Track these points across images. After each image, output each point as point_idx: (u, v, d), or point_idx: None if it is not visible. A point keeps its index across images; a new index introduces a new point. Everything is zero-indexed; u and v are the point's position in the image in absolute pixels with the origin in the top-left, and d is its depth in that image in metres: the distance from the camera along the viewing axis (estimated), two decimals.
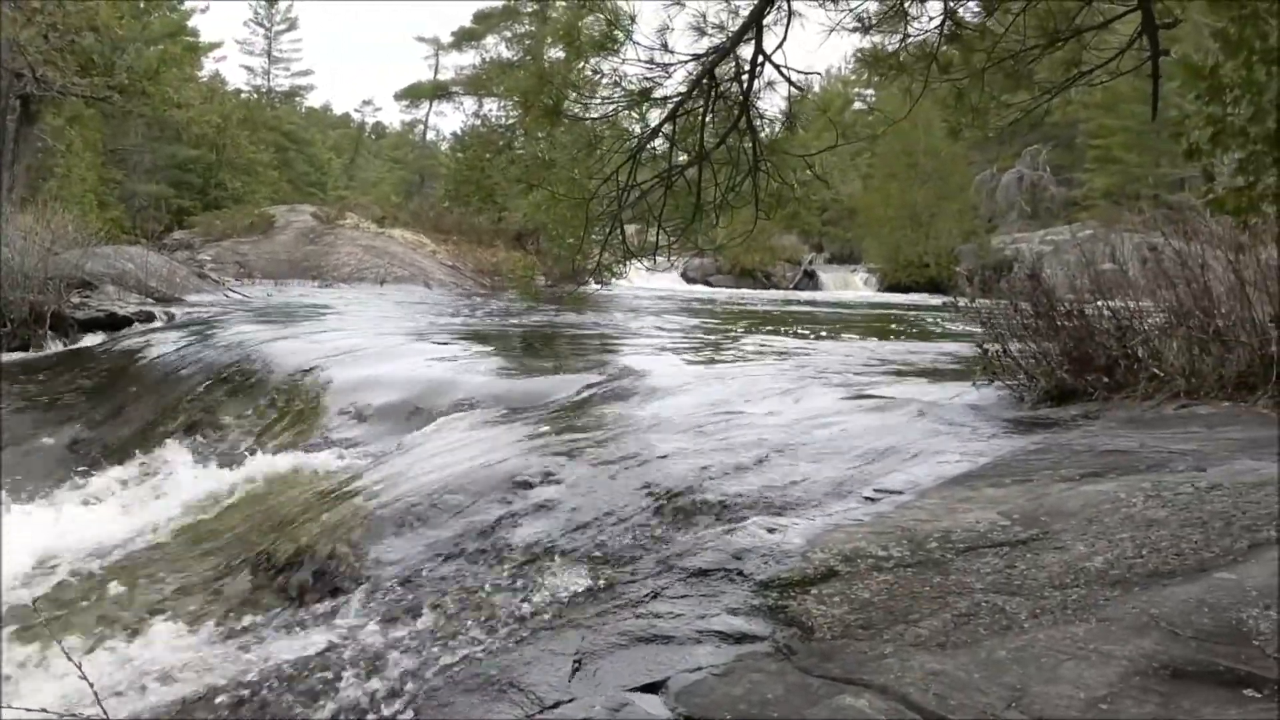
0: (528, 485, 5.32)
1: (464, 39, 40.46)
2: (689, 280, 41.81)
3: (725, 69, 4.92)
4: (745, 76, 4.84)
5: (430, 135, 59.98)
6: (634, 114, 5.14)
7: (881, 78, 5.03)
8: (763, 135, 4.96)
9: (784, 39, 4.79)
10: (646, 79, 5.00)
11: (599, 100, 5.07)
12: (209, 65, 46.04)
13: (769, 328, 16.76)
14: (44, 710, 2.78)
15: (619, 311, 21.07)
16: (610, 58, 4.83)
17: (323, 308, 18.28)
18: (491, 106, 38.54)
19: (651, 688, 3.00)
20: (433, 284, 27.27)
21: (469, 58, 41.29)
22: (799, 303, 28.73)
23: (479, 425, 7.42)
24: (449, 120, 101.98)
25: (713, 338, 14.76)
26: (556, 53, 35.71)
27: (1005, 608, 2.93)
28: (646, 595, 3.67)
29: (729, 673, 2.97)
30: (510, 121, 37.25)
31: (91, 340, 14.44)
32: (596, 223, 5.20)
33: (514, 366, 10.49)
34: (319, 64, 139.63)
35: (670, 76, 5.00)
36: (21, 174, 16.65)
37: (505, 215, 36.48)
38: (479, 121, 38.81)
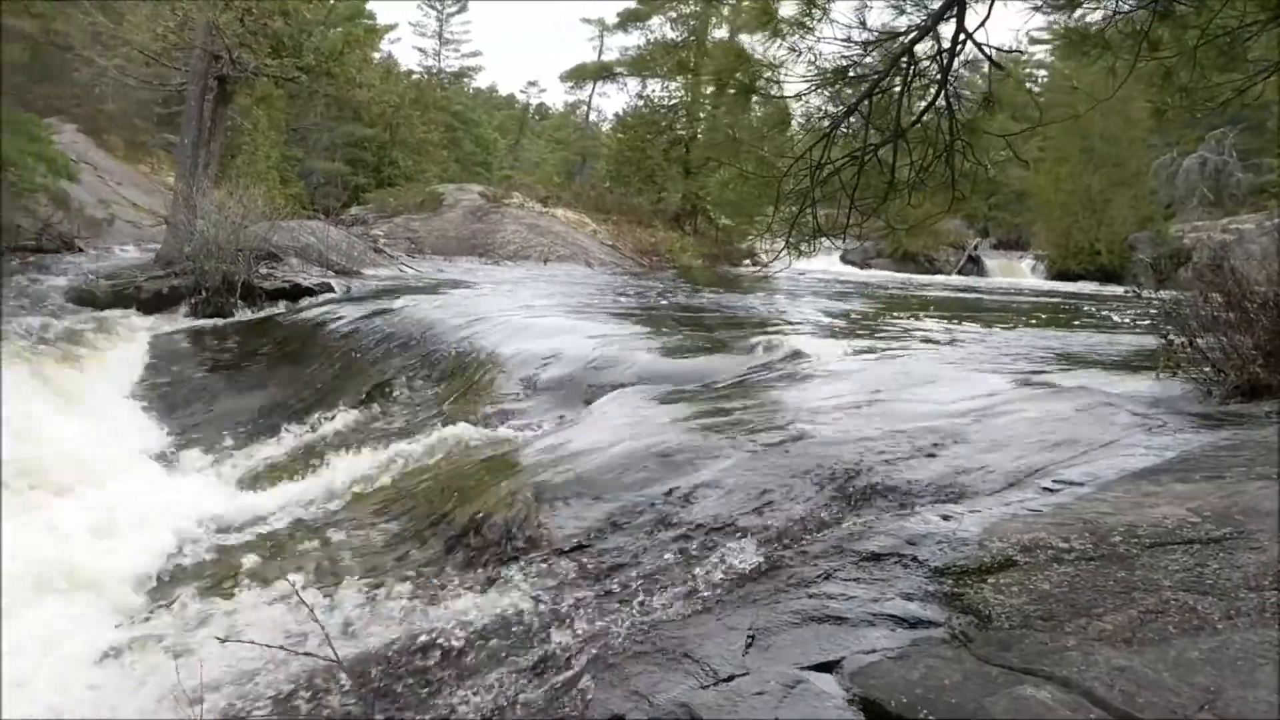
0: (696, 462, 5.39)
1: (629, 20, 40.64)
2: (848, 264, 41.19)
3: (924, 47, 4.85)
4: (944, 55, 4.76)
5: (592, 116, 60.72)
6: (828, 92, 5.11)
7: (1084, 56, 4.85)
8: (958, 115, 4.86)
9: (987, 16, 4.70)
10: (843, 57, 4.98)
11: (794, 79, 5.08)
12: (382, 47, 47.58)
13: (932, 313, 16.40)
14: (281, 647, 3.02)
15: (777, 293, 20.94)
16: (806, 36, 4.83)
17: (490, 284, 18.78)
18: (654, 87, 38.67)
19: (825, 667, 3.03)
20: (593, 263, 27.67)
21: (634, 39, 41.57)
22: (963, 289, 27.98)
23: (645, 402, 7.52)
24: (612, 101, 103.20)
25: (874, 322, 14.55)
26: (720, 33, 35.64)
27: (1196, 607, 2.85)
28: (818, 576, 3.69)
29: (904, 656, 2.98)
30: (673, 102, 37.38)
31: (277, 309, 15.22)
32: (784, 201, 5.19)
33: (676, 345, 10.57)
34: (487, 45, 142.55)
35: (868, 55, 4.96)
36: (217, 151, 17.64)
37: (664, 196, 36.68)
38: (641, 102, 39.02)
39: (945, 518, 3.96)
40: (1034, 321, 15.85)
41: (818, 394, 7.08)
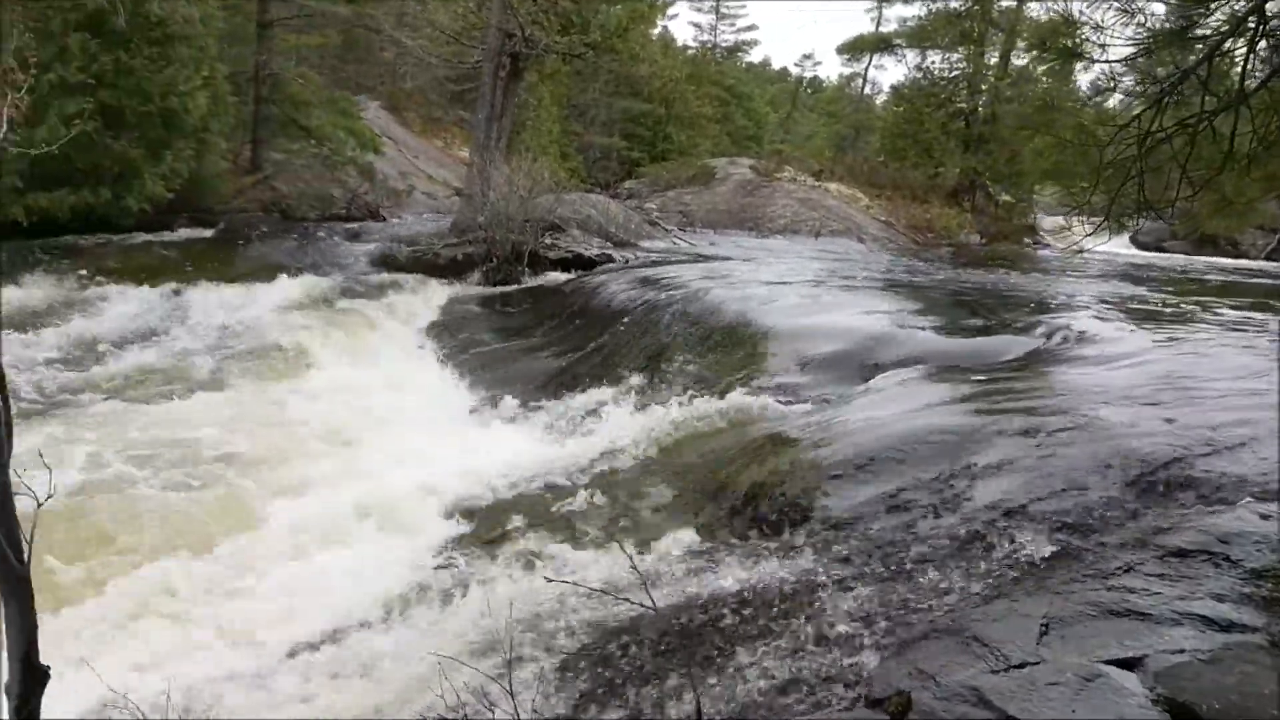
0: (978, 444, 5.26)
1: None
2: (1139, 245, 38.43)
3: (1274, 4, 4.42)
4: None
5: (867, 89, 59.47)
6: (1161, 56, 4.76)
7: None
8: None
9: None
10: (1181, 17, 4.63)
11: (1120, 41, 4.75)
12: (659, 22, 48.27)
13: (1233, 300, 15.09)
14: (602, 590, 3.23)
15: (1060, 274, 19.89)
16: None
17: (761, 258, 18.84)
18: (934, 58, 37.34)
19: (1126, 663, 2.91)
20: (865, 238, 27.17)
21: (914, 9, 40.14)
22: (1274, 275, 25.58)
23: (921, 381, 7.39)
24: (888, 74, 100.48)
25: (1166, 308, 13.54)
26: (1007, 2, 33.94)
27: None
28: (1117, 569, 3.54)
29: (1216, 660, 2.82)
30: (953, 74, 36.04)
31: (560, 277, 15.90)
32: (1104, 172, 4.89)
33: (951, 324, 10.27)
34: (763, 19, 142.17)
35: (1210, 14, 4.58)
36: (508, 126, 18.56)
37: (941, 170, 35.48)
38: (920, 74, 37.83)
39: (1264, 517, 3.69)
40: None
41: (1107, 378, 6.74)
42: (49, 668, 2.73)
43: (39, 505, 2.68)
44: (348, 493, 6.84)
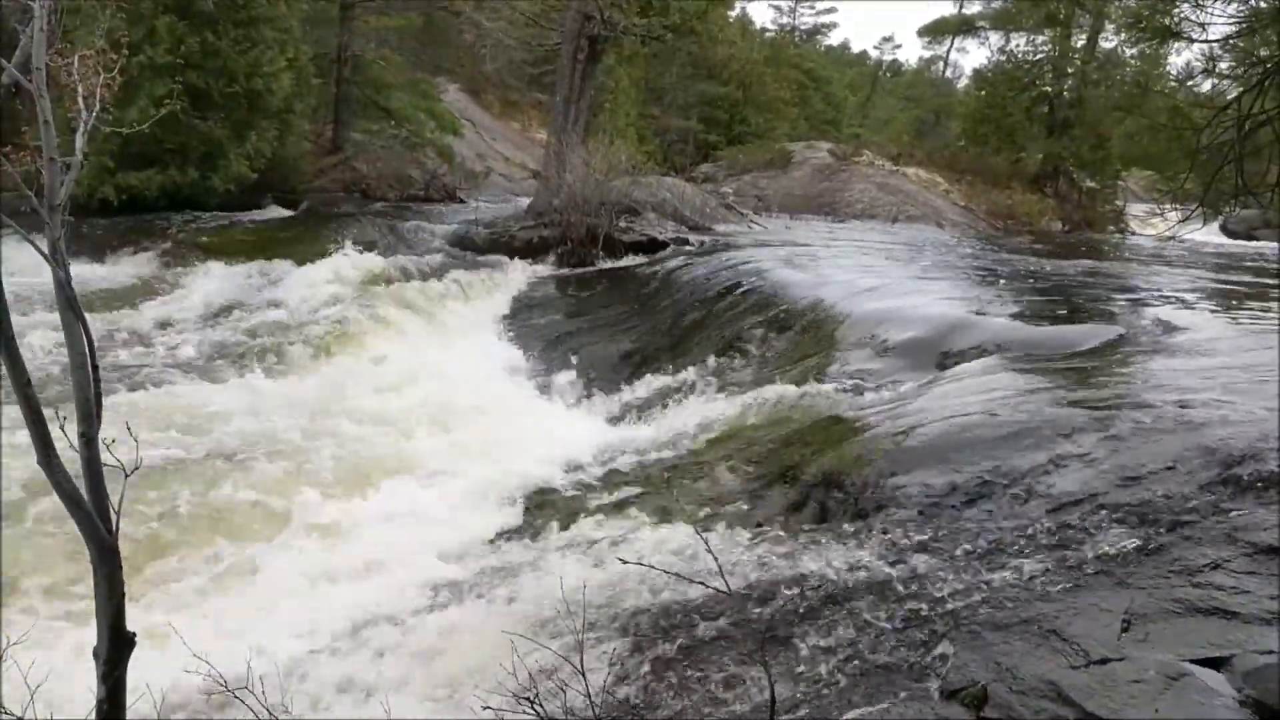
0: (1059, 435, 5.14)
1: None
2: (1229, 234, 37.17)
3: None
4: None
5: (948, 72, 58.55)
6: (1264, 35, 4.55)
7: None
8: None
9: None
10: None
11: (1220, 19, 4.56)
12: (737, 5, 47.91)
13: None
14: (678, 574, 3.24)
15: (1145, 262, 19.32)
16: None
17: (837, 242, 18.61)
18: (1019, 41, 36.53)
19: (1212, 663, 2.83)
20: (944, 224, 26.70)
21: None
22: None
23: (1000, 369, 7.25)
24: (970, 57, 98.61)
25: (1256, 298, 13.10)
26: None
27: None
28: (1204, 565, 3.44)
29: None
30: (1038, 57, 35.23)
31: (634, 260, 15.89)
32: (1199, 156, 4.71)
33: (1032, 312, 10.05)
34: (842, 2, 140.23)
35: None
36: (585, 109, 18.57)
37: (1023, 156, 34.74)
38: (1004, 57, 37.03)
39: None
40: None
41: (1193, 369, 6.54)
42: (135, 634, 2.81)
43: (126, 476, 2.75)
44: (424, 474, 6.95)
